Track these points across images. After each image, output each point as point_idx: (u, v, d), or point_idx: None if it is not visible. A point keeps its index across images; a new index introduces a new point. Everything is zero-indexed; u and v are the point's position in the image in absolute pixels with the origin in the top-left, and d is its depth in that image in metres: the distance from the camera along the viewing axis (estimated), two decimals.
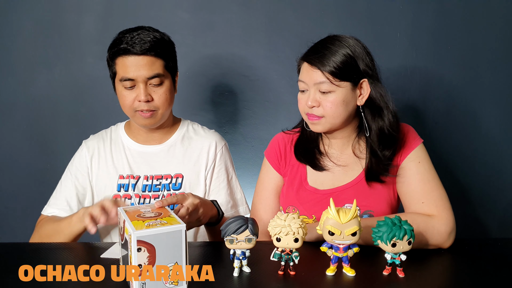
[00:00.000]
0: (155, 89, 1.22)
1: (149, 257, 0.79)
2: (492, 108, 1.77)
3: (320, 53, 1.09)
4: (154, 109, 1.24)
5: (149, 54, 1.19)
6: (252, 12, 1.74)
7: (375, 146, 1.13)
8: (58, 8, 1.75)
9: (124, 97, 1.23)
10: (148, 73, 1.20)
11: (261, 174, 1.28)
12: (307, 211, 1.16)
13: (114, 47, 1.21)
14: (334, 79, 1.07)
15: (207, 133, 1.38)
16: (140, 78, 1.20)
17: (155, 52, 1.20)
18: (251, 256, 0.88)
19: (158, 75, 1.21)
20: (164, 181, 1.30)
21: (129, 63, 1.19)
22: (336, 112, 1.09)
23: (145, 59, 1.19)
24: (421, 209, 1.08)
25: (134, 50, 1.18)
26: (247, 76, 1.78)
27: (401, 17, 1.73)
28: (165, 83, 1.24)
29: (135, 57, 1.19)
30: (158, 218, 0.84)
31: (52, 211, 1.29)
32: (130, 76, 1.19)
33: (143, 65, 1.19)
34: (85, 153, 1.35)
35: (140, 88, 1.20)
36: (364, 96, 1.11)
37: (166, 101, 1.25)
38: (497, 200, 1.82)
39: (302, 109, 1.14)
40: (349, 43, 1.09)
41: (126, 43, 1.18)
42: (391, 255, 0.85)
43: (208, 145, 1.35)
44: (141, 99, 1.20)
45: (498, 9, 1.71)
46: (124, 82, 1.21)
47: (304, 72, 1.12)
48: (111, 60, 1.24)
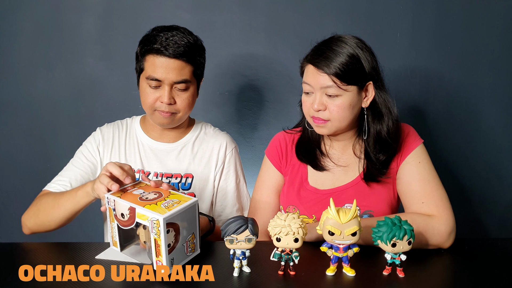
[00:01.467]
0: (179, 93, 1.22)
1: (175, 235, 0.87)
2: (492, 108, 1.77)
3: (325, 56, 1.07)
4: (175, 112, 1.24)
5: (180, 59, 1.18)
6: (252, 12, 1.74)
7: (370, 149, 1.13)
8: (58, 8, 1.75)
9: (147, 95, 1.22)
10: (176, 78, 1.19)
11: (261, 173, 1.28)
12: (307, 211, 1.16)
13: (148, 44, 1.19)
14: (342, 83, 1.06)
15: (218, 135, 1.38)
16: (167, 81, 1.19)
17: (187, 57, 1.19)
18: (251, 256, 0.88)
19: (185, 81, 1.21)
20: (174, 180, 1.30)
21: (160, 63, 1.18)
22: (342, 116, 1.09)
23: (176, 63, 1.18)
24: (421, 209, 1.08)
25: (167, 53, 1.16)
26: (247, 76, 1.78)
27: (401, 17, 1.73)
28: (190, 89, 1.23)
29: (167, 59, 1.17)
30: (167, 198, 0.90)
31: (54, 187, 1.27)
32: (158, 77, 1.18)
33: (173, 69, 1.18)
34: (99, 139, 1.34)
35: (165, 90, 1.19)
36: (369, 98, 1.11)
37: (188, 106, 1.25)
38: (497, 200, 1.82)
39: (307, 111, 1.13)
40: (353, 44, 1.08)
41: (160, 43, 1.17)
42: (391, 255, 0.85)
43: (219, 146, 1.35)
44: (165, 101, 1.20)
45: (498, 9, 1.71)
46: (150, 81, 1.20)
47: (309, 75, 1.10)
48: (141, 55, 1.22)
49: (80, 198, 1.09)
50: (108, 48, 1.77)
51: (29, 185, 1.83)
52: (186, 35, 1.21)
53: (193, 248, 0.92)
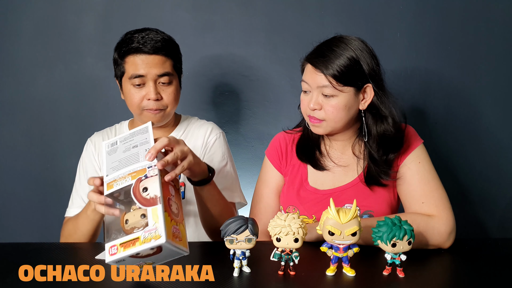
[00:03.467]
0: (164, 88, 1.24)
1: None
2: (492, 108, 1.77)
3: (325, 56, 1.08)
4: (163, 108, 1.25)
5: (160, 53, 1.21)
6: (252, 12, 1.74)
7: (373, 151, 1.13)
8: (58, 9, 1.75)
9: (132, 96, 1.23)
10: (159, 71, 1.21)
11: (262, 173, 1.28)
12: (307, 211, 1.17)
13: (125, 46, 1.22)
14: (338, 84, 1.06)
15: (203, 125, 1.39)
16: (150, 75, 1.21)
17: (165, 51, 1.22)
18: (251, 256, 0.88)
19: (168, 74, 1.23)
20: None
21: (140, 61, 1.20)
22: (337, 117, 1.09)
23: (156, 58, 1.21)
24: (421, 209, 1.08)
25: (145, 49, 1.19)
26: (247, 76, 1.78)
27: (401, 17, 1.73)
28: (173, 83, 1.26)
29: (147, 56, 1.20)
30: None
31: (72, 211, 1.29)
32: (141, 73, 1.20)
33: (154, 64, 1.21)
34: (92, 149, 1.35)
35: (150, 86, 1.21)
36: (367, 101, 1.11)
37: (174, 99, 1.26)
38: (497, 200, 1.82)
39: (304, 110, 1.14)
40: (354, 45, 1.08)
41: (137, 42, 1.20)
42: (391, 255, 0.85)
43: (204, 134, 1.36)
44: (151, 97, 1.21)
45: (498, 9, 1.71)
46: (134, 80, 1.21)
47: (307, 73, 1.11)
48: (121, 58, 1.24)
49: (93, 216, 1.12)
50: (108, 48, 1.75)
51: (29, 185, 1.83)
52: (159, 33, 1.25)
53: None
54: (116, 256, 0.78)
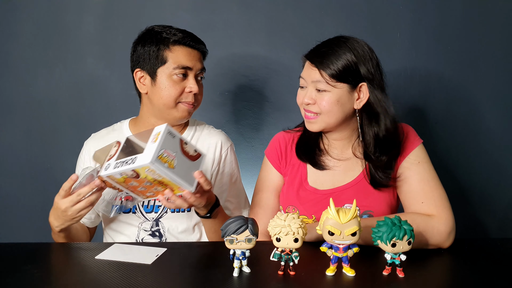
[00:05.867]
0: (199, 84, 1.28)
1: None
2: (492, 107, 1.77)
3: (322, 53, 1.10)
4: (197, 103, 1.29)
5: (201, 49, 1.27)
6: (252, 12, 1.74)
7: (369, 151, 1.13)
8: (58, 9, 1.75)
9: (172, 87, 1.22)
10: (201, 66, 1.27)
11: (261, 173, 1.28)
12: (307, 211, 1.17)
13: (167, 36, 1.22)
14: (331, 79, 1.08)
15: (213, 134, 1.37)
16: (196, 69, 1.25)
17: (203, 47, 1.28)
18: (251, 256, 0.88)
19: (204, 69, 1.29)
20: None
21: (188, 53, 1.23)
22: (330, 111, 1.10)
23: (198, 53, 1.27)
24: (421, 209, 1.08)
25: (191, 43, 1.24)
26: (247, 76, 1.78)
27: (401, 17, 1.73)
28: (202, 80, 1.32)
29: (192, 50, 1.24)
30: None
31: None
32: (189, 65, 1.23)
33: (198, 58, 1.26)
34: (85, 155, 1.34)
35: (193, 79, 1.24)
36: (362, 100, 1.11)
37: (201, 98, 1.31)
38: (497, 200, 1.82)
39: (300, 103, 1.17)
40: (355, 46, 1.09)
41: (181, 33, 1.23)
42: (391, 255, 0.85)
43: (214, 145, 1.34)
44: (195, 90, 1.24)
45: (498, 9, 1.71)
46: (179, 70, 1.22)
47: (304, 69, 1.15)
48: (164, 47, 1.22)
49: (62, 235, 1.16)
50: (108, 48, 1.77)
51: (29, 185, 1.83)
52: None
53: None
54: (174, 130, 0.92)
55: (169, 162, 0.90)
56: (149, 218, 1.28)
